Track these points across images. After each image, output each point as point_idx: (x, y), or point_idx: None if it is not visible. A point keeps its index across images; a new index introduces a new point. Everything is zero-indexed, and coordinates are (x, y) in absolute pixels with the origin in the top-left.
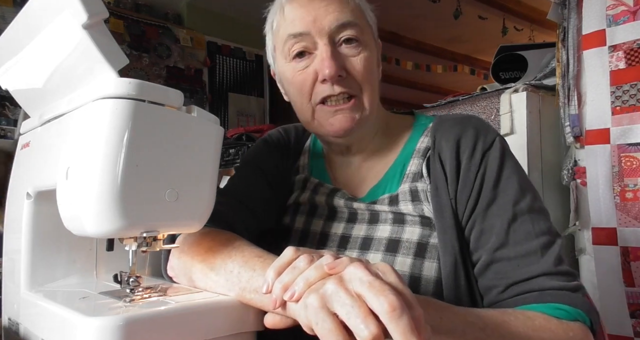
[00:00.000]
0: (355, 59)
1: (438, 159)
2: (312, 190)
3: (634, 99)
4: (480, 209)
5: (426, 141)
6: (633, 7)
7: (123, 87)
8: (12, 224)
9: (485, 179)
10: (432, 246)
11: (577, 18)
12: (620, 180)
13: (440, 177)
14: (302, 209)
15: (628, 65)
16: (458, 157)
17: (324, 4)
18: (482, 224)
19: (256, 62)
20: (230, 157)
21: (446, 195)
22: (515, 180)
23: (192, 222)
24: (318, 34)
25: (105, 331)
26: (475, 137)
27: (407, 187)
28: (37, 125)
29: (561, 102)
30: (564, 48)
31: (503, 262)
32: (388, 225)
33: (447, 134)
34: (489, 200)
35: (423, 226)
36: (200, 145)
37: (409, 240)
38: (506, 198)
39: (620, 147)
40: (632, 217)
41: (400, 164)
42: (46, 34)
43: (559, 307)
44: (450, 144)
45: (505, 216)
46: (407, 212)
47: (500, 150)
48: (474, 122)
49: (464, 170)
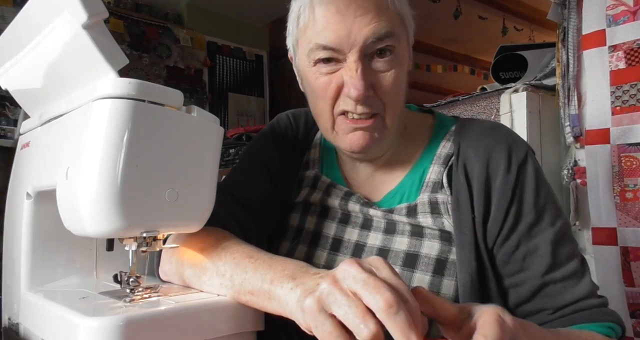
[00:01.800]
0: (385, 75)
1: (463, 170)
2: (324, 191)
3: (634, 99)
4: (523, 229)
5: (448, 146)
6: (633, 7)
7: (123, 87)
8: (12, 224)
9: (525, 197)
10: (451, 263)
11: (577, 18)
12: (620, 180)
13: (463, 189)
14: (313, 210)
15: (628, 65)
16: (488, 171)
17: (360, 12)
18: (527, 245)
19: (256, 62)
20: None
21: (467, 210)
22: (551, 198)
23: (192, 222)
24: (350, 48)
25: (105, 331)
26: (509, 150)
27: (427, 198)
28: (37, 125)
29: (561, 102)
30: (564, 48)
31: (551, 286)
32: (406, 237)
33: (475, 144)
34: (532, 220)
35: (442, 241)
36: (200, 145)
37: (428, 255)
38: (547, 218)
39: (620, 147)
40: (632, 217)
41: (420, 169)
42: (46, 34)
43: (609, 325)
44: (480, 157)
45: (548, 237)
46: (425, 224)
47: (534, 164)
48: (504, 133)
49: (500, 186)
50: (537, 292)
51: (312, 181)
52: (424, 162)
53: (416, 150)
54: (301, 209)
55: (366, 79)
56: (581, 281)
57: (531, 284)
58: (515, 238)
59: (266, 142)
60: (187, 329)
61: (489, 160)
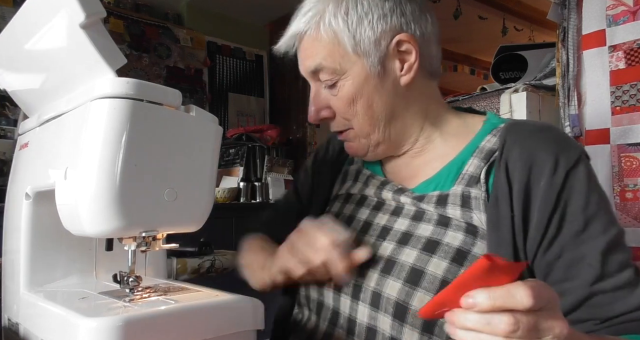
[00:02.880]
0: (335, 99)
1: (504, 168)
2: (363, 183)
3: (634, 99)
4: (568, 236)
5: (493, 141)
6: (633, 7)
7: (121, 87)
8: (11, 224)
9: (572, 202)
10: (473, 256)
11: (577, 18)
12: (620, 180)
13: (504, 187)
14: (352, 199)
15: (628, 65)
16: (530, 173)
17: (302, 48)
18: (573, 253)
19: (256, 62)
20: (230, 157)
21: (507, 208)
22: (604, 206)
23: (191, 221)
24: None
25: (105, 331)
26: (557, 152)
27: (460, 190)
28: (36, 126)
29: (561, 102)
30: (564, 48)
31: (600, 296)
32: (431, 225)
33: (521, 142)
34: (579, 226)
35: (467, 233)
36: (198, 145)
37: (450, 244)
38: (597, 226)
39: (620, 147)
40: (632, 217)
41: (460, 161)
42: (44, 33)
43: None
44: (525, 156)
45: (598, 245)
46: (453, 216)
47: (586, 169)
48: (554, 134)
49: (544, 190)
50: (583, 302)
51: (355, 174)
52: (465, 154)
53: (459, 144)
54: (342, 200)
55: (316, 104)
56: (634, 292)
57: (578, 293)
58: (558, 245)
59: (314, 156)
60: (186, 328)
61: (533, 161)
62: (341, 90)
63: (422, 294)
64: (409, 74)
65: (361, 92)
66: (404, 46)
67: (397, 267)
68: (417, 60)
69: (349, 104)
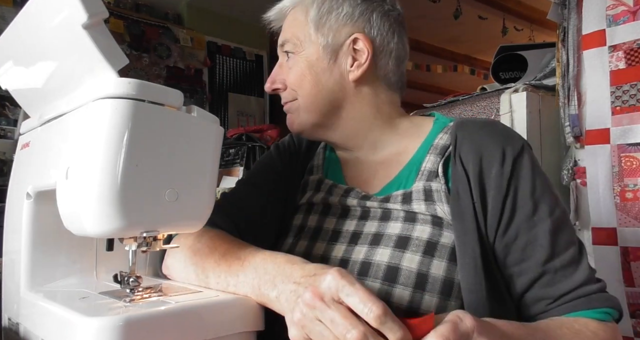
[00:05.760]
0: (290, 70)
1: (460, 161)
2: (326, 192)
3: (634, 99)
4: (520, 219)
5: (445, 138)
6: (633, 7)
7: (123, 87)
8: (12, 224)
9: (521, 188)
10: (442, 246)
11: (577, 18)
12: (620, 180)
13: (462, 179)
14: (315, 209)
15: (628, 65)
16: (481, 164)
17: (284, 24)
18: (527, 235)
19: (256, 62)
20: (230, 157)
21: (468, 198)
22: (548, 189)
23: (192, 222)
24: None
25: (105, 331)
26: (503, 143)
27: (422, 186)
28: (37, 125)
29: (561, 102)
30: (564, 48)
31: (551, 274)
32: (399, 222)
33: (471, 136)
34: (529, 210)
35: (434, 225)
36: (200, 145)
37: (419, 238)
38: (545, 208)
39: (620, 147)
40: (632, 217)
41: (417, 160)
42: (46, 33)
43: (606, 311)
44: (475, 148)
45: (546, 226)
46: (419, 211)
47: (530, 156)
48: (499, 128)
49: (495, 178)
50: (536, 281)
51: (316, 184)
52: (421, 152)
53: (414, 144)
54: (304, 210)
55: (275, 75)
56: (578, 268)
57: (531, 272)
58: (514, 229)
59: (269, 155)
60: (187, 329)
61: (483, 153)
62: (296, 64)
63: (400, 290)
64: (356, 71)
65: (311, 69)
66: (359, 45)
67: (373, 267)
68: (367, 62)
69: (300, 77)
